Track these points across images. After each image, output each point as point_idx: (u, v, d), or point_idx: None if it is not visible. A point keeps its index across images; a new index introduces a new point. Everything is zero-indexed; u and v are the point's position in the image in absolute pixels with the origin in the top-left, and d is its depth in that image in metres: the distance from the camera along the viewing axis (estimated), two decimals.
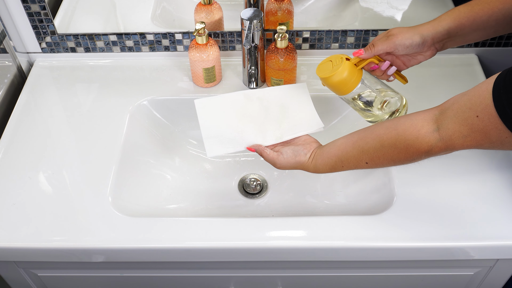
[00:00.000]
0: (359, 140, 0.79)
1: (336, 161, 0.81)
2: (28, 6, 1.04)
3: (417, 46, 0.82)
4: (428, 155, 0.72)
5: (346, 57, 0.85)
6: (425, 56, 0.84)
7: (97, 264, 0.89)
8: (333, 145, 0.82)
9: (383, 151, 0.75)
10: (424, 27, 0.82)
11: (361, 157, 0.78)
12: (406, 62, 0.86)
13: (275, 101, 0.94)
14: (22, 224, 0.85)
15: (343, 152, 0.80)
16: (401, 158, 0.74)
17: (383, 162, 0.76)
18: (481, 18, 0.79)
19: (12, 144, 0.97)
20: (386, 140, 0.75)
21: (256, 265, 0.91)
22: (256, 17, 0.94)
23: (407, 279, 0.94)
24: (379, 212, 0.86)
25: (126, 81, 1.09)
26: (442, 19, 0.81)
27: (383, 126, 0.77)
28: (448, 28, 0.80)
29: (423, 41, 0.81)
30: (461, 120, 0.66)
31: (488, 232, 0.83)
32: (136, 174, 0.97)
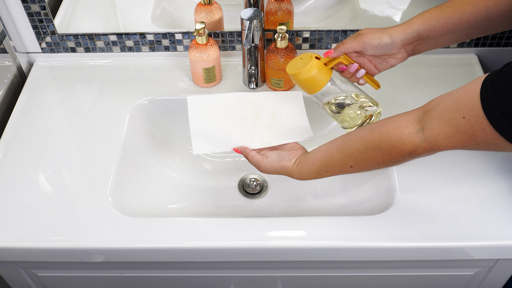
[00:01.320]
0: (343, 144, 0.78)
1: (321, 166, 0.80)
2: (28, 6, 1.04)
3: (386, 47, 0.80)
4: (412, 156, 0.71)
5: (316, 56, 0.85)
6: (396, 59, 0.83)
7: (97, 264, 0.89)
8: (318, 150, 0.82)
9: (367, 153, 0.75)
10: (394, 28, 0.80)
11: (345, 161, 0.77)
12: (377, 65, 0.84)
13: (268, 106, 0.94)
14: (22, 224, 0.85)
15: (328, 157, 0.80)
16: (385, 160, 0.73)
17: (367, 164, 0.76)
18: (452, 20, 0.78)
19: (12, 144, 0.97)
20: (370, 142, 0.74)
21: (256, 265, 0.91)
22: (256, 17, 0.94)
23: (407, 279, 0.94)
24: (379, 212, 0.86)
25: (126, 81, 1.09)
26: (412, 22, 0.80)
27: (367, 129, 0.76)
28: (418, 30, 0.79)
29: (392, 42, 0.80)
30: (447, 121, 0.66)
31: (488, 232, 0.83)
32: (136, 174, 0.97)
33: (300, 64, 0.86)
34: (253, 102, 0.95)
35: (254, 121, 0.92)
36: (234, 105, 0.94)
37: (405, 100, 1.02)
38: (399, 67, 0.85)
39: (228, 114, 0.93)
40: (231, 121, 0.92)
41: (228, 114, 0.93)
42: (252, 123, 0.92)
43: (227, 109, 0.93)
